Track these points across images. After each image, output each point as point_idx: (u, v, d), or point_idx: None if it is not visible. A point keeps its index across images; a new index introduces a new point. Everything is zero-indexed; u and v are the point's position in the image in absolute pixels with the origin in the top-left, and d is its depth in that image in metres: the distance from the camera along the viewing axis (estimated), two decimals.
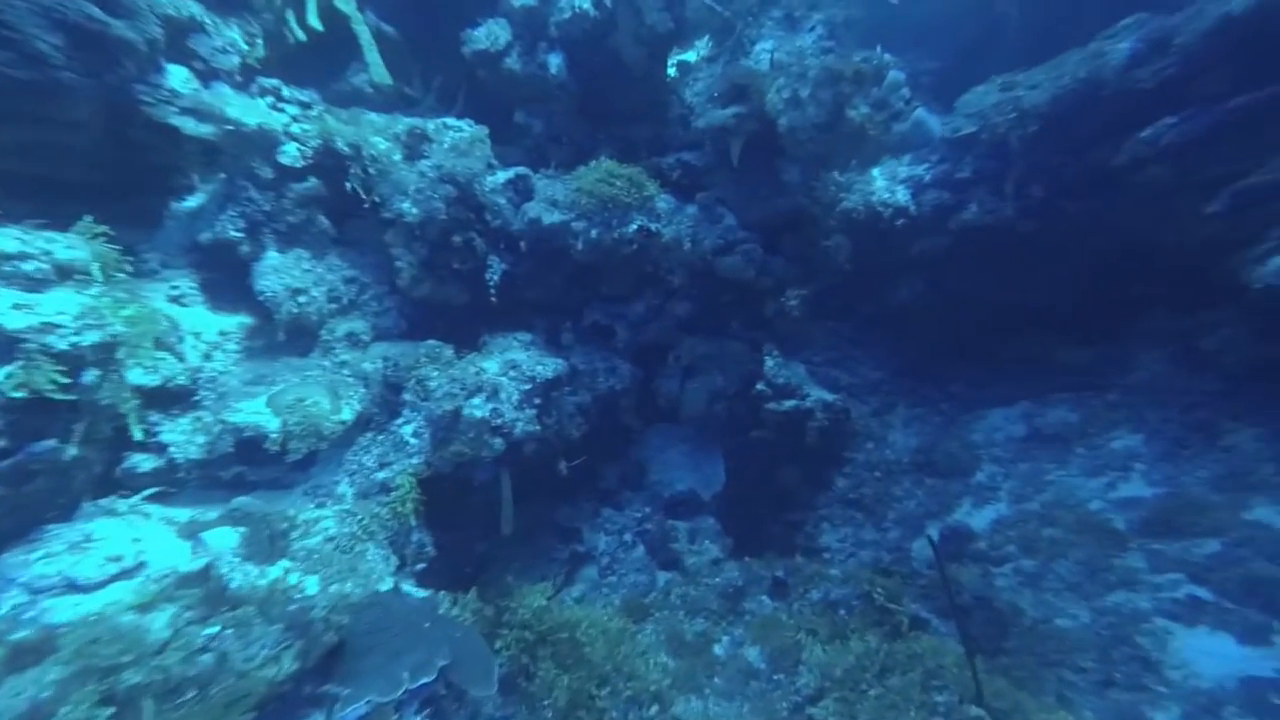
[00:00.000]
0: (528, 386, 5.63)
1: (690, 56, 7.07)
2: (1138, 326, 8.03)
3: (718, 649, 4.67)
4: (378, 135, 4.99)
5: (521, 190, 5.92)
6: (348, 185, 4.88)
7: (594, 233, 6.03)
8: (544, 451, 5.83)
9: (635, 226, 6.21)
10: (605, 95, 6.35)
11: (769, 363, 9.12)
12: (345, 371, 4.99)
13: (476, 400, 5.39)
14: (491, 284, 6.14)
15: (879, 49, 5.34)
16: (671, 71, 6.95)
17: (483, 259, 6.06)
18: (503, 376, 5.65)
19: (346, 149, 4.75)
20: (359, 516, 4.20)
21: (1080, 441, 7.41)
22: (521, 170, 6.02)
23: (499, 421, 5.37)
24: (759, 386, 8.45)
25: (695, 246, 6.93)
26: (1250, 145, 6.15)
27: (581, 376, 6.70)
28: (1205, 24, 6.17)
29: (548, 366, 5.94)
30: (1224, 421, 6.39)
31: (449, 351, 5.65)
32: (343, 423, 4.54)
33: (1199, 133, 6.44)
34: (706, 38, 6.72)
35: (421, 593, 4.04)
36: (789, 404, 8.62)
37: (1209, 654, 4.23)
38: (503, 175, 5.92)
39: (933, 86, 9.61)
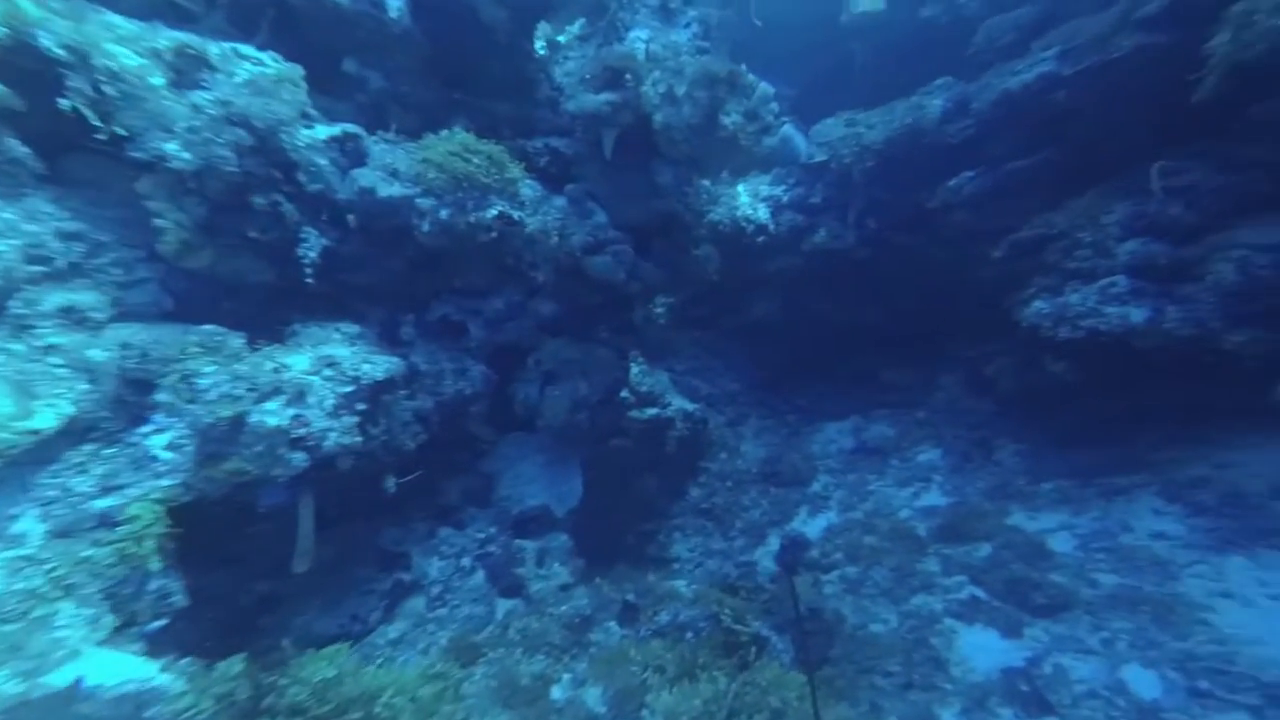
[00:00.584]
0: (349, 389, 4.63)
1: (561, 38, 6.53)
2: (943, 352, 9.36)
3: (556, 691, 4.22)
4: (121, 45, 3.65)
5: (351, 153, 4.87)
6: (65, 104, 3.49)
7: (444, 213, 5.20)
8: (367, 467, 4.87)
9: (495, 212, 5.50)
10: (462, 59, 5.54)
11: (634, 369, 8.92)
12: (54, 360, 3.58)
13: (271, 404, 4.27)
14: (307, 261, 4.98)
15: (743, 67, 5.35)
16: (541, 49, 6.34)
17: (294, 230, 4.88)
18: (314, 376, 4.58)
19: (60, 52, 3.37)
20: (49, 565, 2.97)
21: (896, 454, 8.35)
22: (351, 129, 4.97)
23: (302, 431, 4.32)
24: (623, 394, 8.22)
25: (563, 241, 6.41)
26: (1022, 203, 7.37)
27: (423, 378, 5.79)
28: (992, 95, 7.28)
29: (379, 365, 4.97)
30: (997, 438, 7.63)
31: (237, 341, 4.43)
32: (33, 431, 3.21)
33: (989, 187, 7.60)
34: (580, 21, 6.23)
35: (146, 667, 2.95)
36: (651, 412, 8.51)
37: (981, 649, 4.83)
38: (325, 131, 4.82)
39: (788, 113, 10.28)
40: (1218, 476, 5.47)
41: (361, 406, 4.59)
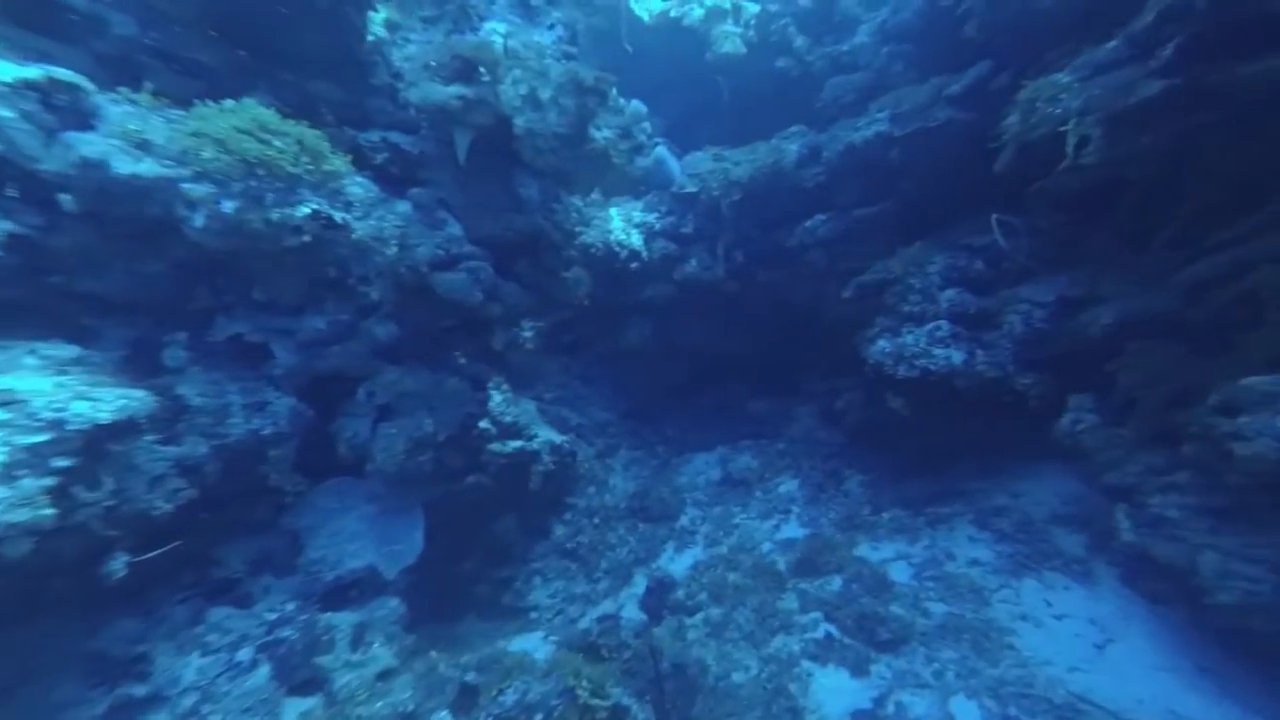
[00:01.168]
0: (42, 438, 3.28)
1: (399, 19, 5.71)
2: (801, 385, 9.88)
3: None
4: None
5: (65, 110, 3.55)
6: None
7: (228, 205, 4.06)
8: (74, 547, 3.48)
9: (307, 210, 4.47)
10: (266, 21, 4.48)
11: (496, 398, 8.08)
12: None
13: None
14: None
15: (613, 79, 5.03)
16: (379, 28, 5.46)
17: None
18: None
19: None
20: None
21: (759, 485, 8.49)
22: (65, 76, 3.64)
23: None
24: (482, 425, 7.35)
25: (405, 253, 5.50)
26: (867, 248, 8.03)
27: (195, 415, 4.47)
28: (839, 146, 7.88)
29: (105, 402, 3.65)
30: (846, 469, 8.10)
31: None
32: None
33: (840, 231, 8.16)
34: (426, 1, 5.49)
35: None
36: (515, 445, 7.73)
37: (834, 692, 4.82)
38: (10, 70, 3.45)
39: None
40: (1013, 505, 6.22)
41: (63, 463, 3.26)
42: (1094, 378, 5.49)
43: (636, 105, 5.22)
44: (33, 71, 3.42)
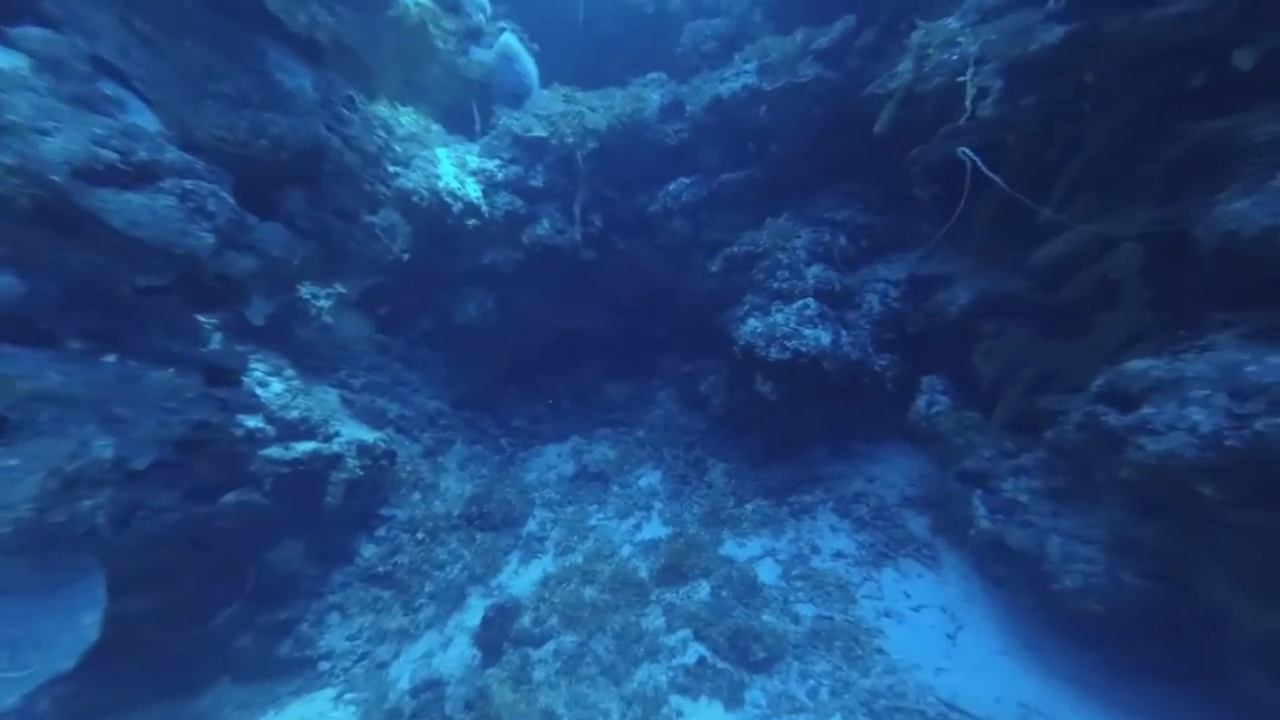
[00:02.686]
0: None
1: None
2: (661, 366, 9.17)
3: None
4: None
5: None
6: None
7: None
8: None
9: None
10: None
11: (275, 387, 5.99)
12: None
13: None
14: None
15: None
16: None
17: None
18: None
19: None
20: None
21: (617, 479, 7.57)
22: None
23: None
24: (252, 424, 5.30)
25: (27, 151, 3.24)
26: (734, 217, 7.43)
27: None
28: (704, 99, 7.10)
29: None
30: (708, 458, 7.57)
31: None
32: None
33: (704, 197, 7.42)
34: None
35: None
36: (303, 449, 5.82)
37: None
38: None
39: None
40: (870, 490, 6.15)
41: None
42: (950, 360, 5.46)
43: None
44: None
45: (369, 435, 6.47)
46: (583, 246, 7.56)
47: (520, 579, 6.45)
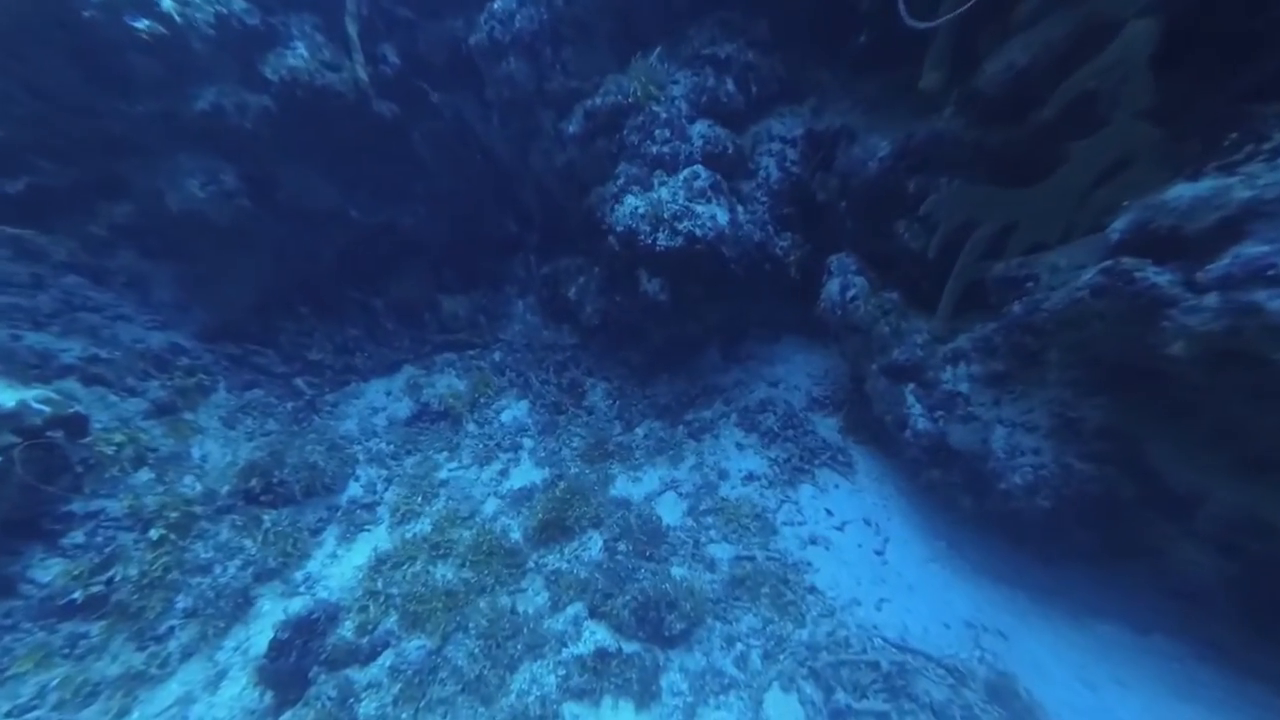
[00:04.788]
0: None
1: None
2: (511, 270, 7.28)
3: None
4: None
5: None
6: None
7: None
8: None
9: None
10: None
11: None
12: None
13: None
14: None
15: None
16: None
17: None
18: None
19: None
20: None
21: (471, 415, 5.87)
22: None
23: None
24: None
25: None
26: (589, 58, 5.47)
27: None
28: None
29: None
30: (585, 379, 6.18)
31: None
32: None
33: (545, 23, 5.30)
34: None
35: None
36: None
37: None
38: None
39: None
40: (776, 397, 5.36)
41: None
42: (862, 235, 4.54)
43: None
44: None
45: (8, 395, 3.84)
46: (374, 96, 5.09)
47: (340, 565, 4.68)
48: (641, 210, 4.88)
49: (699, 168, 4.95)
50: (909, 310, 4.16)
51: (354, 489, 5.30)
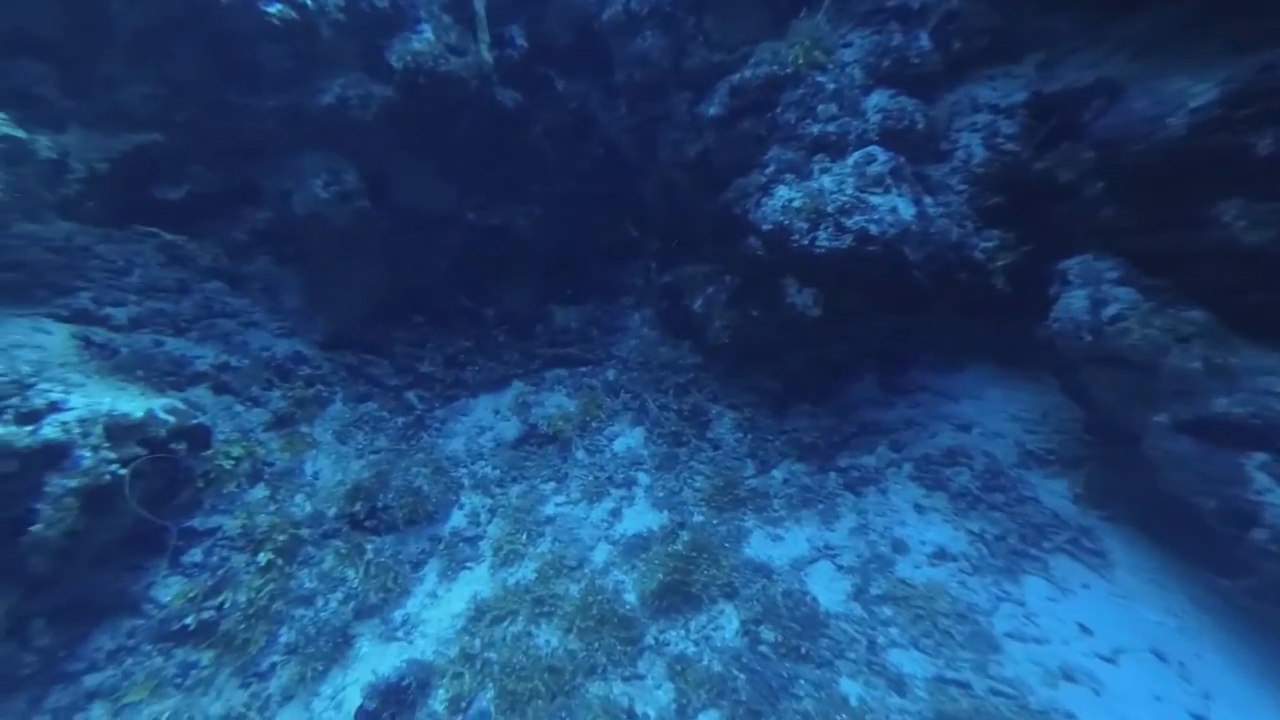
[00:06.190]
0: None
1: None
2: (628, 278, 6.60)
3: None
4: None
5: None
6: None
7: None
8: None
9: None
10: None
11: None
12: None
13: None
14: None
15: None
16: None
17: None
18: None
19: None
20: None
21: (581, 441, 5.22)
22: None
23: None
24: None
25: None
26: (732, 23, 4.59)
27: None
28: None
29: None
30: (709, 405, 5.27)
31: None
32: None
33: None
34: None
35: None
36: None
37: None
38: None
39: None
40: (969, 446, 4.05)
41: None
42: (1124, 229, 3.17)
43: None
44: None
45: (137, 403, 3.75)
46: (497, 83, 4.63)
47: (438, 609, 4.19)
48: (797, 204, 3.89)
49: (875, 149, 3.86)
50: (1232, 338, 2.74)
51: (457, 518, 4.84)
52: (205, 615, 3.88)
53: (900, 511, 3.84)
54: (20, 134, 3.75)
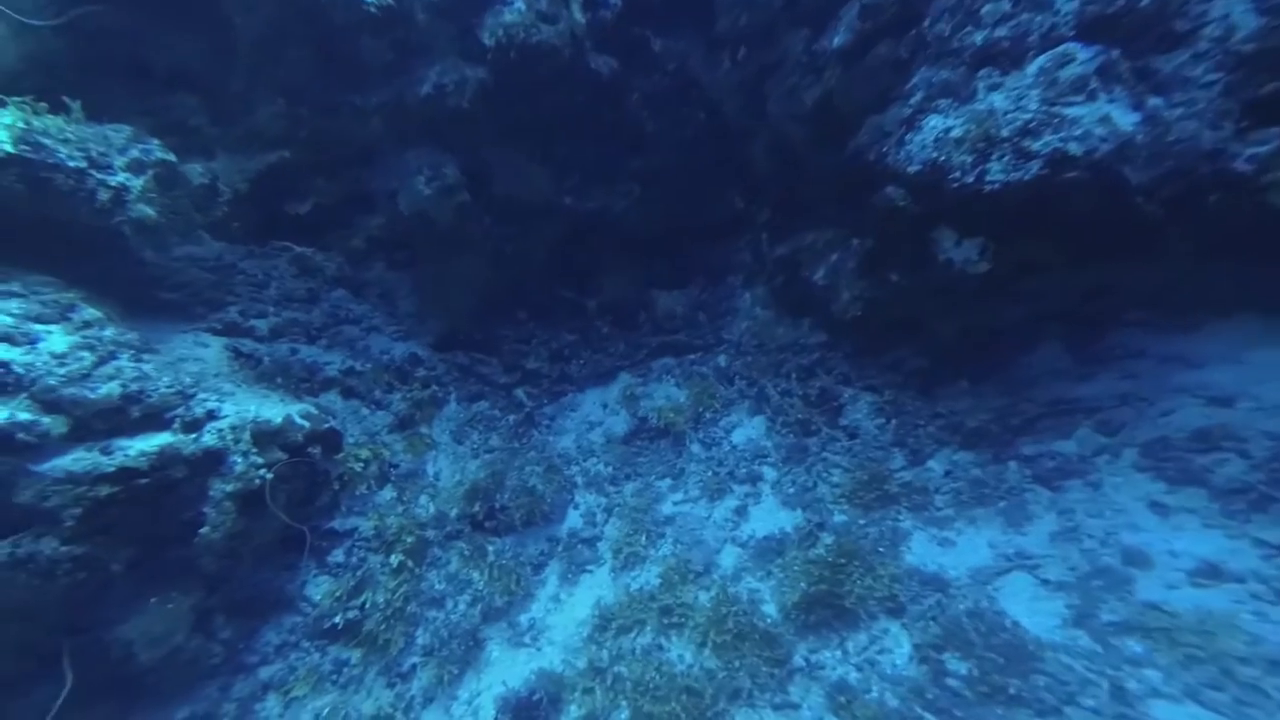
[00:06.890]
0: None
1: None
2: (735, 254, 6.05)
3: None
4: None
5: None
6: None
7: None
8: None
9: None
10: None
11: (61, 340, 3.59)
12: None
13: None
14: None
15: None
16: None
17: None
18: None
19: None
20: None
21: (695, 432, 4.81)
22: None
23: None
24: (23, 416, 2.90)
25: None
26: None
27: None
28: None
29: None
30: (840, 388, 4.59)
31: None
32: None
33: None
34: None
35: None
36: (142, 447, 3.40)
37: None
38: None
39: None
40: (1232, 424, 3.02)
41: None
42: None
43: None
44: None
45: (277, 410, 3.92)
46: (591, 49, 4.31)
47: (562, 614, 4.00)
48: (956, 133, 3.13)
49: (1072, 45, 2.98)
50: None
51: (573, 518, 4.65)
52: (350, 614, 3.98)
53: (1126, 511, 2.97)
54: (172, 158, 4.07)
